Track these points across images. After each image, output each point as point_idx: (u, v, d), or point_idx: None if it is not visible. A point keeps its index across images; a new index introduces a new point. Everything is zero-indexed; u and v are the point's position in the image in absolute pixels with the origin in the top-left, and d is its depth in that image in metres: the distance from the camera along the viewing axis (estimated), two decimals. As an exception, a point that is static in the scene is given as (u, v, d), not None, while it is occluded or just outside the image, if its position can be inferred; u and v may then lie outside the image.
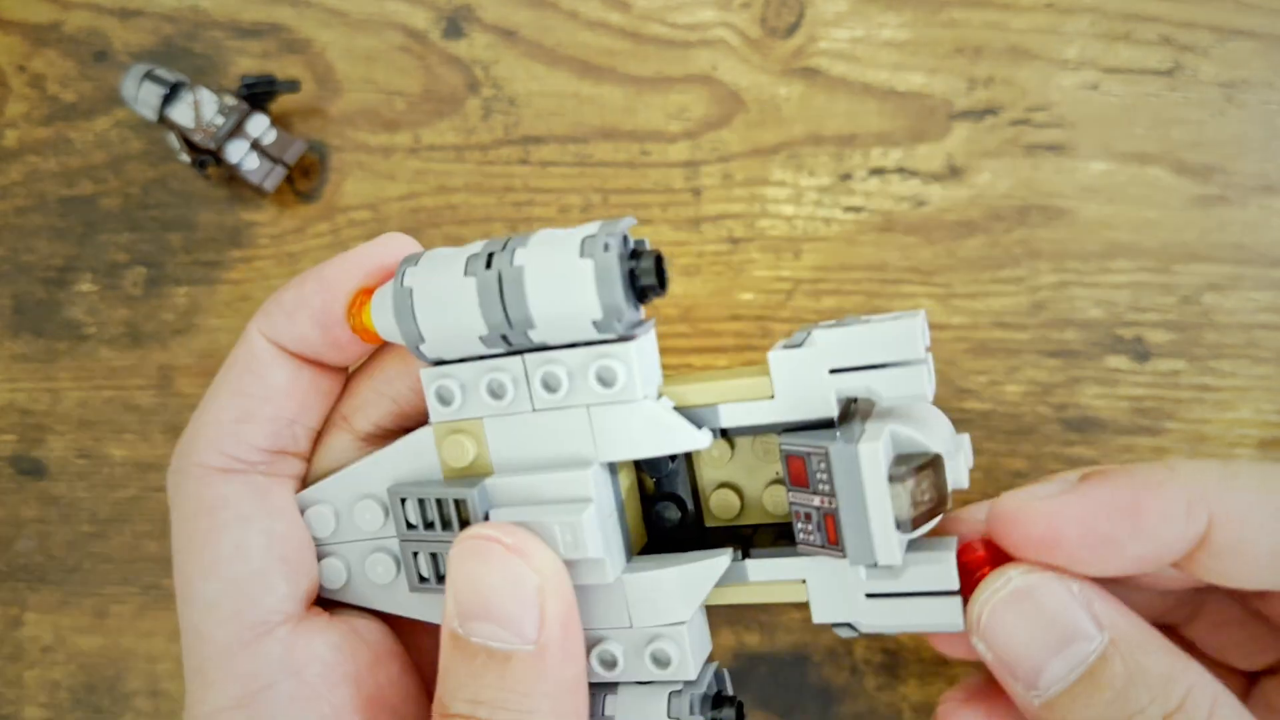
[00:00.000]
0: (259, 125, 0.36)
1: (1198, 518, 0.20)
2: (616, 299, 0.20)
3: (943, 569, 0.20)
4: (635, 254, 0.21)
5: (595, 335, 0.21)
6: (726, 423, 0.22)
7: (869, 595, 0.21)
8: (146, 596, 0.38)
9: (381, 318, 0.22)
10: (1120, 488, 0.20)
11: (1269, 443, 0.35)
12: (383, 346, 0.25)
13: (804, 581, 0.22)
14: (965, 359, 0.35)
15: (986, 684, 0.24)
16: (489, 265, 0.21)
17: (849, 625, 0.22)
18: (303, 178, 0.37)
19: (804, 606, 0.23)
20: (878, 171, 0.36)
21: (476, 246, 0.22)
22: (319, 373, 0.25)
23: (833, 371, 0.21)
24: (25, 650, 0.37)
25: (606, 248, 0.20)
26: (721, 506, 0.24)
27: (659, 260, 0.21)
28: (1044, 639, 0.20)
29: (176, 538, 0.24)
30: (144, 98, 0.35)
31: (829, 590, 0.22)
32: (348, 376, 0.26)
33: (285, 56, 0.37)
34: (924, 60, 0.36)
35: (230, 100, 0.36)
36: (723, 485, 0.24)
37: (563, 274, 0.20)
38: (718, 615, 0.36)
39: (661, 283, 0.21)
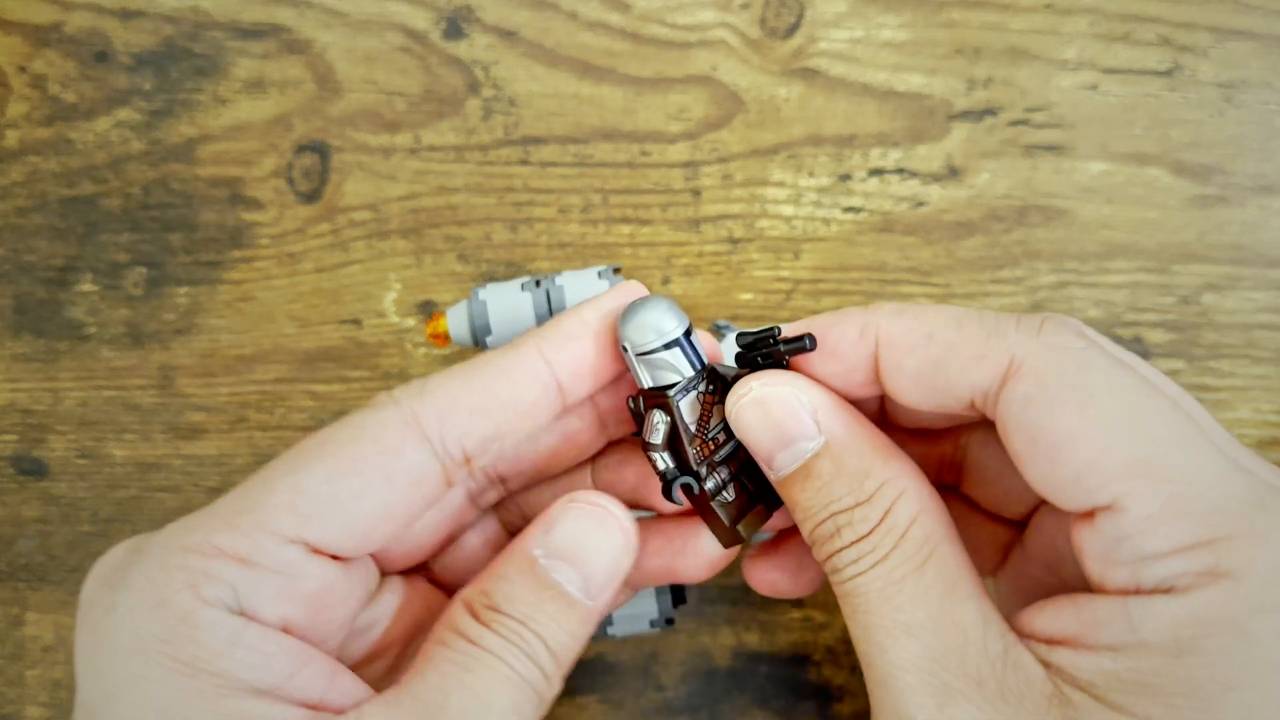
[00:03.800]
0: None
1: (868, 339, 0.24)
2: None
3: None
4: None
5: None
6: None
7: None
8: (147, 596, 0.38)
9: (457, 323, 0.32)
10: (820, 320, 0.25)
11: (1268, 442, 0.35)
12: None
13: None
14: (964, 359, 0.35)
15: (776, 543, 0.28)
16: (539, 285, 0.32)
17: None
18: (303, 178, 0.37)
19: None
20: (877, 172, 0.36)
21: (524, 279, 0.32)
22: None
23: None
24: (26, 650, 0.38)
25: (616, 272, 0.31)
26: None
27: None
28: (773, 436, 0.24)
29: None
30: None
31: None
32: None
33: (286, 57, 0.37)
34: (923, 61, 0.36)
35: None
36: None
37: (589, 289, 0.31)
38: (718, 615, 0.36)
39: None
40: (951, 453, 0.29)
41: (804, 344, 0.25)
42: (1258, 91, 0.35)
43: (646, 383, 0.25)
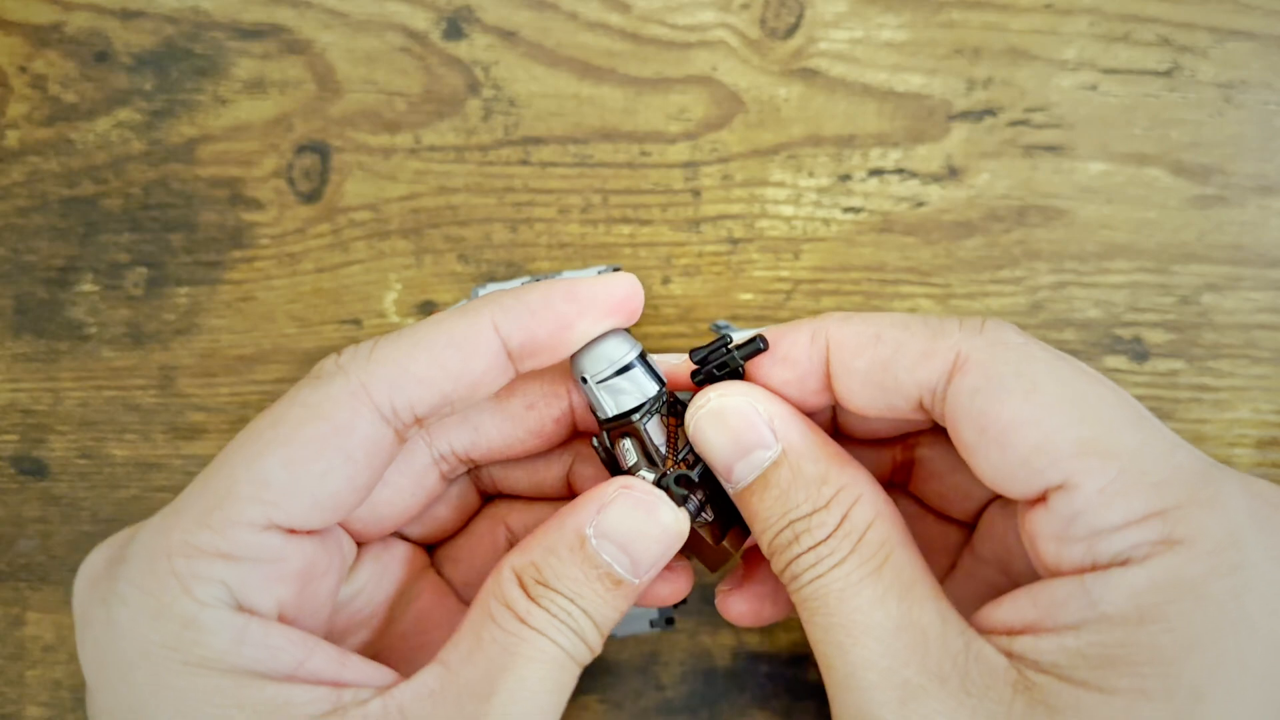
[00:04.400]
0: None
1: (819, 344, 0.25)
2: None
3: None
4: None
5: None
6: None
7: None
8: (148, 596, 0.38)
9: None
10: (772, 329, 0.25)
11: (1267, 442, 0.35)
12: None
13: None
14: (964, 359, 0.35)
15: (746, 574, 0.29)
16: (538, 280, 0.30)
17: None
18: (304, 178, 0.37)
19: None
20: (877, 172, 0.36)
21: (524, 279, 0.31)
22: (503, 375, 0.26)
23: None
24: (27, 650, 0.38)
25: (616, 272, 0.28)
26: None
27: None
28: (731, 447, 0.25)
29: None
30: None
31: None
32: None
33: (286, 57, 0.37)
34: (923, 61, 0.36)
35: None
36: None
37: None
38: (718, 615, 0.36)
39: None
40: (901, 456, 0.30)
41: (757, 345, 0.25)
42: (1258, 91, 0.35)
43: (610, 409, 0.25)
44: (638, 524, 0.25)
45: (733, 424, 0.25)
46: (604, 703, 0.36)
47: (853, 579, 0.23)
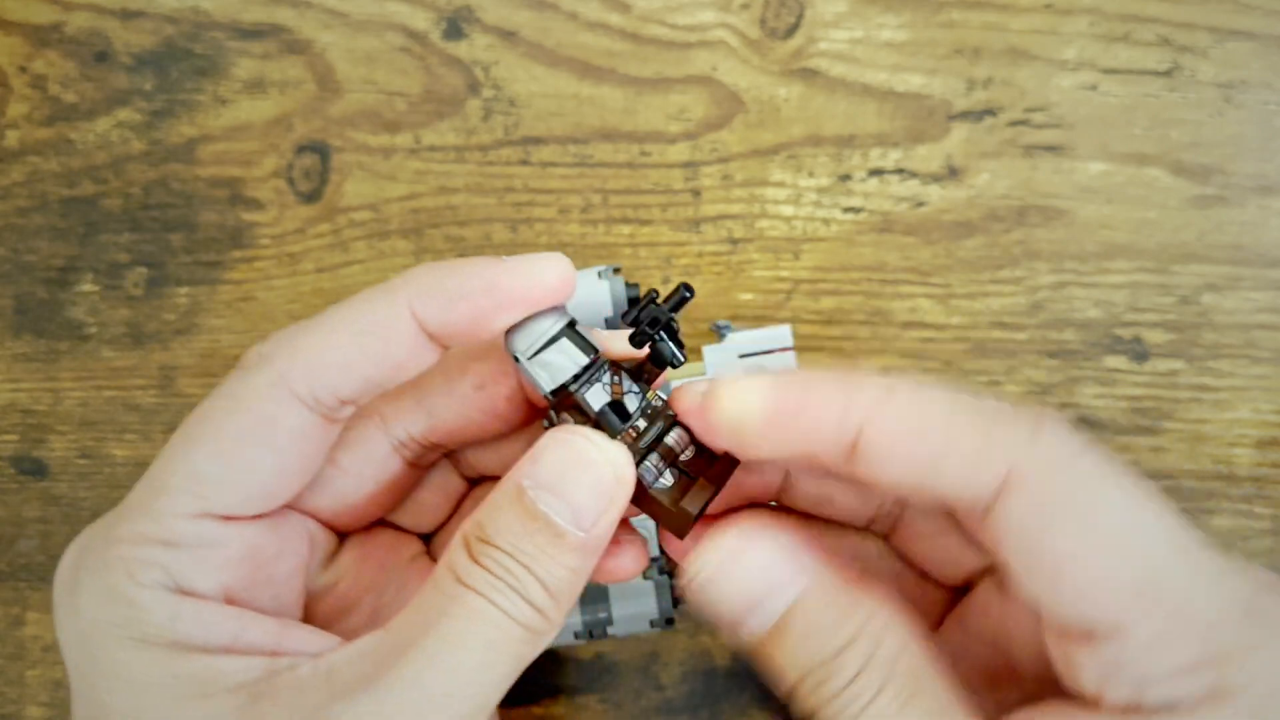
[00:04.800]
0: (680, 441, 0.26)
1: (849, 424, 0.22)
2: (622, 306, 0.32)
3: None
4: (625, 284, 0.32)
5: (604, 329, 0.29)
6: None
7: None
8: (148, 596, 0.38)
9: None
10: (794, 386, 0.23)
11: (1267, 442, 0.35)
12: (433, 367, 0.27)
13: None
14: (964, 359, 0.35)
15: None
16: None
17: None
18: (304, 178, 0.37)
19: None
20: (877, 172, 0.36)
21: None
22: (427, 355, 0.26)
23: (740, 356, 0.32)
24: (27, 649, 0.38)
25: (615, 272, 0.32)
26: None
27: (636, 286, 0.33)
28: (741, 602, 0.24)
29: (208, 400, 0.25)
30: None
31: None
32: None
33: (286, 57, 0.38)
34: (923, 61, 0.36)
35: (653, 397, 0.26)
36: None
37: (589, 289, 0.32)
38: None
39: (639, 302, 0.30)
40: (889, 507, 0.28)
41: (682, 294, 0.24)
42: (1258, 91, 0.35)
43: (546, 385, 0.25)
44: (569, 466, 0.23)
45: (738, 578, 0.24)
46: (604, 703, 0.36)
47: (888, 713, 0.22)
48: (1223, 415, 0.35)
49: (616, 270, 0.32)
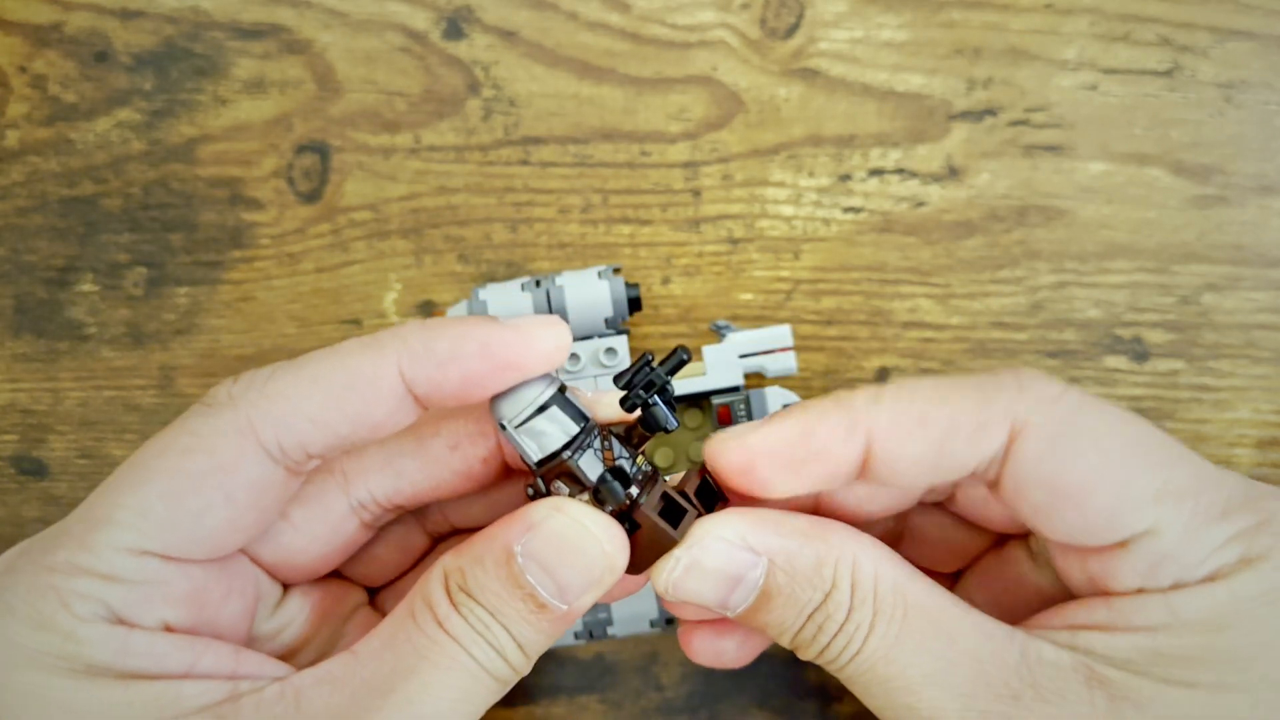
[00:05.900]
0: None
1: (857, 437, 0.23)
2: (622, 306, 0.32)
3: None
4: (626, 284, 0.32)
5: (603, 329, 0.32)
6: (677, 393, 0.32)
7: None
8: (148, 596, 0.38)
9: None
10: (795, 420, 0.24)
11: (1267, 442, 0.35)
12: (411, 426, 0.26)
13: None
14: (964, 359, 0.35)
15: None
16: (539, 285, 0.32)
17: None
18: (304, 178, 0.37)
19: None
20: (877, 172, 0.36)
21: (524, 279, 0.32)
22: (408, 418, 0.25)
23: (740, 356, 0.32)
24: (27, 650, 0.38)
25: (615, 273, 0.32)
26: (663, 455, 0.33)
27: (636, 286, 0.33)
28: (721, 587, 0.24)
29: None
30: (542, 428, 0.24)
31: None
32: None
33: (286, 57, 0.37)
34: (923, 61, 0.36)
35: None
36: (662, 444, 0.34)
37: (589, 289, 0.32)
38: (717, 615, 0.36)
39: (639, 302, 0.32)
40: (894, 525, 0.29)
41: (680, 357, 0.24)
42: (1258, 91, 0.35)
43: (535, 455, 0.24)
44: (566, 551, 0.23)
45: (711, 566, 0.24)
46: (604, 703, 0.36)
47: (888, 639, 0.23)
48: (1223, 415, 0.35)
49: (616, 270, 0.32)
